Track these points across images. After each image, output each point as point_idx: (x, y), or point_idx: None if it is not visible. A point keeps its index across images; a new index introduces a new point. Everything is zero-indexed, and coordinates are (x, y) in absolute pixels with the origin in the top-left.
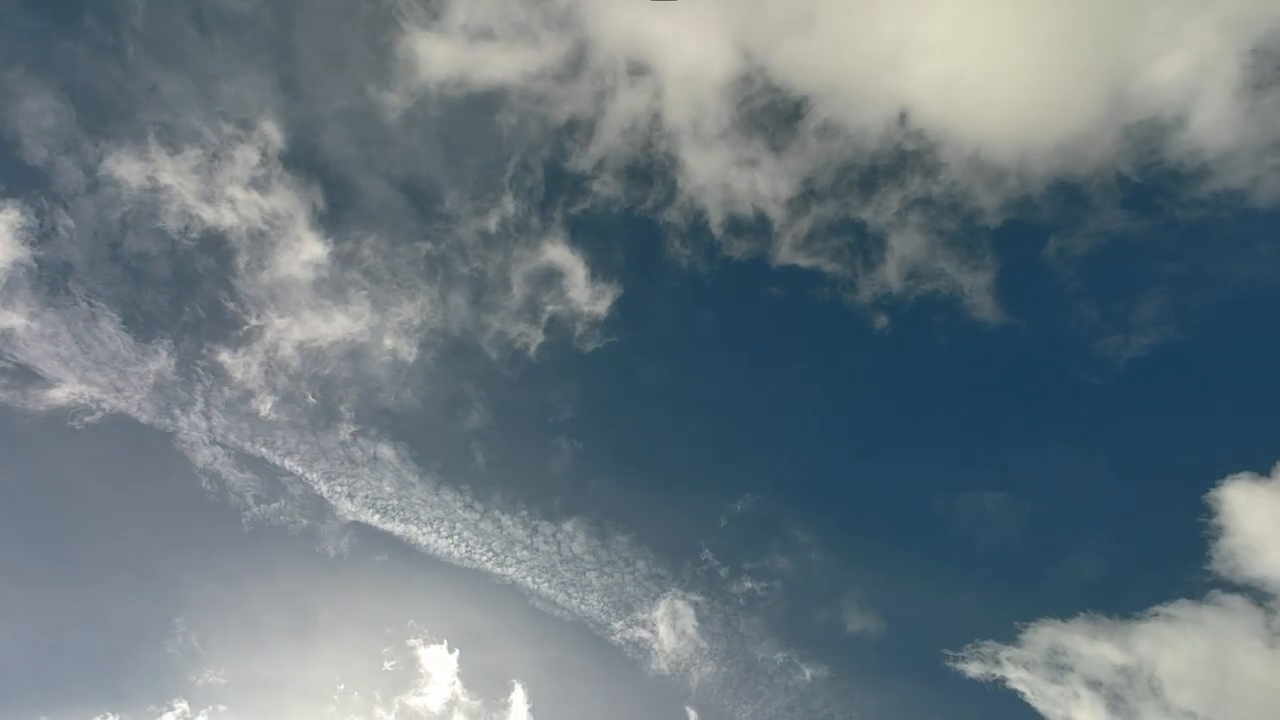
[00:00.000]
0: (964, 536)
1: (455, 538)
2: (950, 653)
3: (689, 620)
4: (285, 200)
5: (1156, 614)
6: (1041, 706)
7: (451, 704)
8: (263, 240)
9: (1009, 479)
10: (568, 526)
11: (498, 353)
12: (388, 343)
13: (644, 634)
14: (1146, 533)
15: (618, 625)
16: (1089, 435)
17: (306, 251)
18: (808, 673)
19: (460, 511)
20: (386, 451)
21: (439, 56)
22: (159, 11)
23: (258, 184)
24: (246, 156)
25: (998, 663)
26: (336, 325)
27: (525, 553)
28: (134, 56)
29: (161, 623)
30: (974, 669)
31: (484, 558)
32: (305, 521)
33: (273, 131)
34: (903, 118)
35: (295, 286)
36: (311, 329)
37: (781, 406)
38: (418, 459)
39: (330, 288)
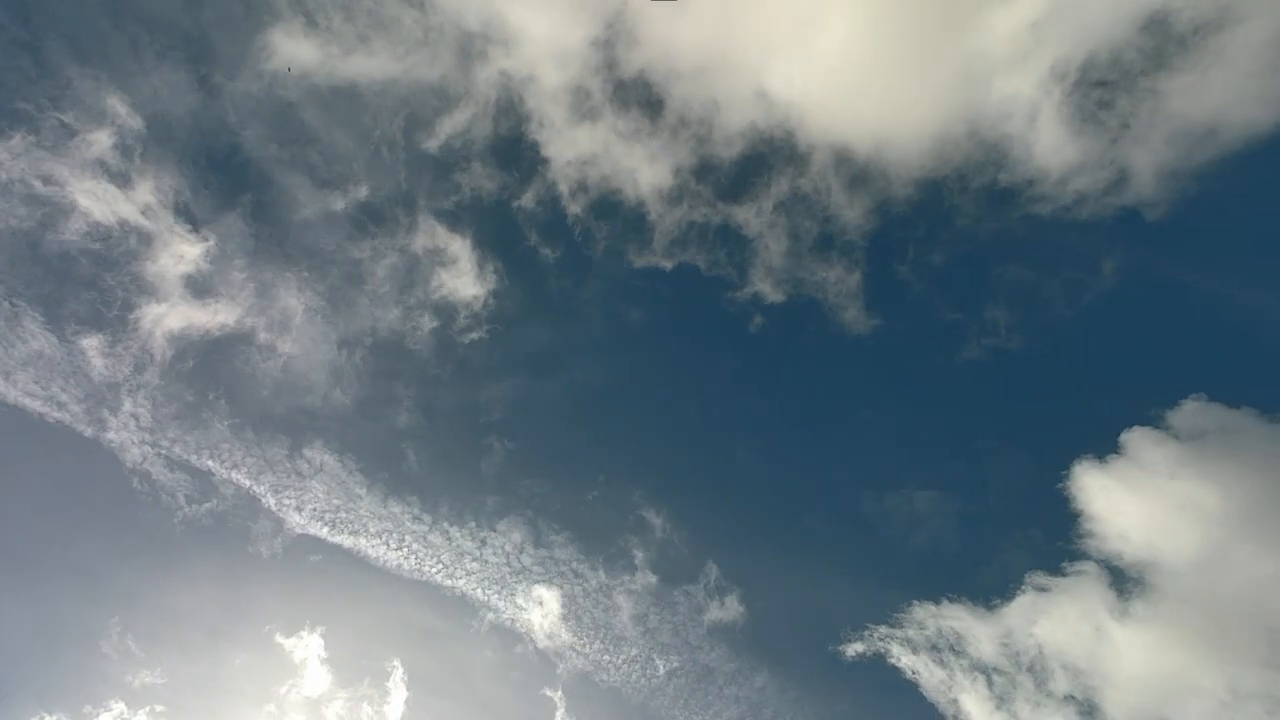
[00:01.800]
0: (839, 528)
1: (405, 549)
2: (830, 637)
3: (555, 607)
4: (145, 194)
5: (1023, 593)
6: (924, 684)
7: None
8: (152, 238)
9: (881, 474)
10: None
11: (390, 344)
12: (290, 340)
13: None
14: (1010, 516)
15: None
16: (951, 427)
17: (192, 251)
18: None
19: (409, 523)
20: (312, 452)
21: (300, 43)
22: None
23: (133, 176)
24: (107, 147)
25: (876, 645)
26: (253, 326)
27: (475, 565)
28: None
29: (97, 623)
30: (853, 652)
31: (434, 567)
32: (238, 522)
33: (135, 124)
34: (765, 105)
35: (187, 284)
36: (225, 327)
37: (661, 404)
38: (347, 455)
39: (235, 287)
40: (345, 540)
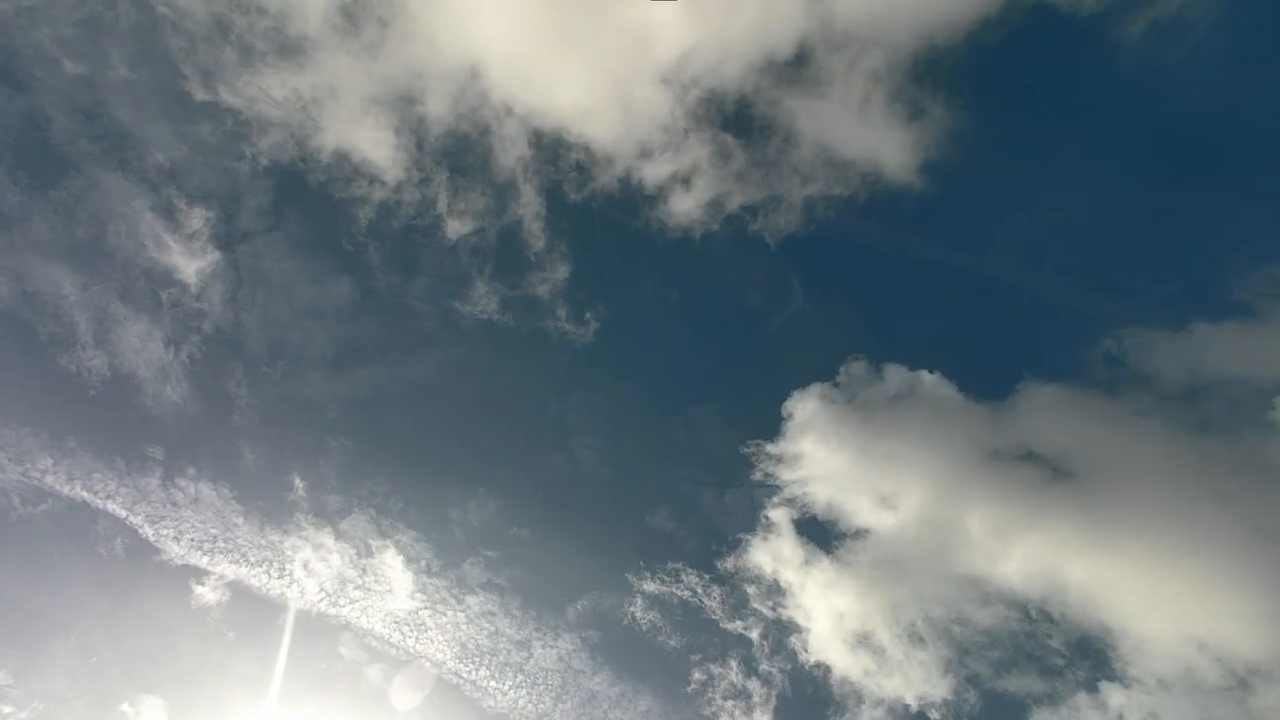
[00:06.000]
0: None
1: (287, 577)
2: (568, 604)
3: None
4: None
5: (733, 554)
6: (659, 644)
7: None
8: None
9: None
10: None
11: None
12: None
13: None
14: (710, 486)
15: None
16: (661, 410)
17: None
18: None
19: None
20: (154, 450)
21: None
22: None
23: None
24: None
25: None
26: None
27: (359, 593)
28: None
29: None
30: (586, 621)
31: (316, 596)
32: (77, 523)
33: None
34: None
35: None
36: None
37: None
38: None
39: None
40: (226, 567)
